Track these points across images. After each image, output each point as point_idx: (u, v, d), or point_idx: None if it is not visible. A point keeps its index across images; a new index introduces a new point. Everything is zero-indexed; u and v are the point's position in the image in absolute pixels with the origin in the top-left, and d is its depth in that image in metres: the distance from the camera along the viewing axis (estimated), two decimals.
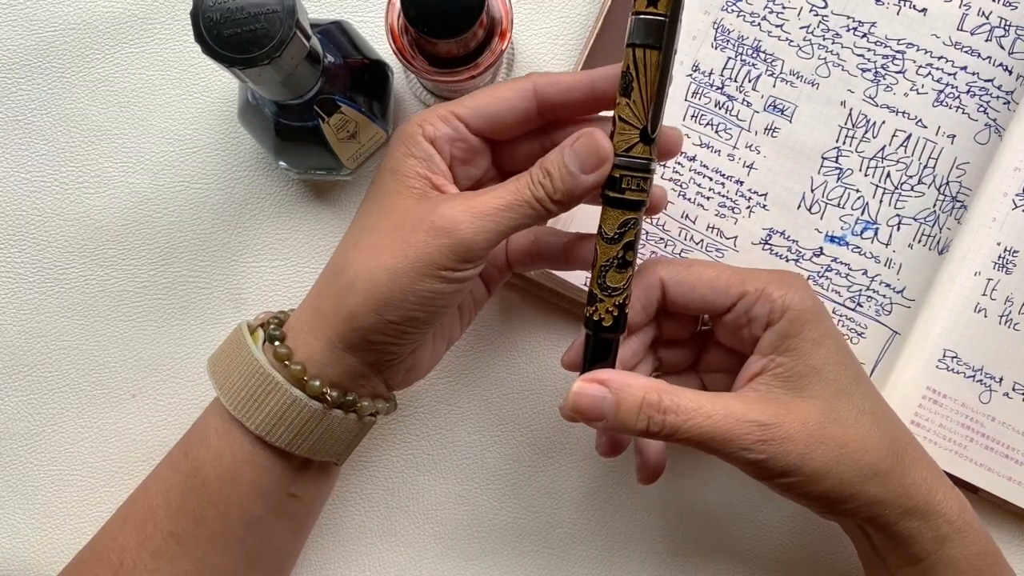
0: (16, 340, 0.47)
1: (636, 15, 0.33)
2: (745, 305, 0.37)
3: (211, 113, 0.47)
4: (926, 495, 0.37)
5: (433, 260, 0.35)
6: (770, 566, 0.48)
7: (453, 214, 0.35)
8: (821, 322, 0.37)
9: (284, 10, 0.34)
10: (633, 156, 0.34)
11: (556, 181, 0.35)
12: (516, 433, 0.48)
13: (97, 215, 0.47)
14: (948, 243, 0.45)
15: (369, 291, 0.35)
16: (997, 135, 0.44)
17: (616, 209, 0.35)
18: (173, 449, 0.41)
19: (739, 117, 0.45)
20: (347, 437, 0.39)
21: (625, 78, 0.34)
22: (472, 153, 0.38)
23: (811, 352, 0.36)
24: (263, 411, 0.37)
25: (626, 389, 0.34)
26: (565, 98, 0.37)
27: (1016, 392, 0.45)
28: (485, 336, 0.48)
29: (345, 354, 0.37)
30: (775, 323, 0.36)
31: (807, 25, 0.44)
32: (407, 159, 0.37)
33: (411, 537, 0.48)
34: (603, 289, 0.36)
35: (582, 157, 0.34)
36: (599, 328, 0.36)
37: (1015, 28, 0.44)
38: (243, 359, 0.37)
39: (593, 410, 0.35)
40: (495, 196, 0.35)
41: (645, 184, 0.35)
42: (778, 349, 0.36)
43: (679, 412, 0.34)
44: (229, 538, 0.39)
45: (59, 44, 0.47)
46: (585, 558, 0.48)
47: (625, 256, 0.35)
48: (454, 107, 0.37)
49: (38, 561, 0.47)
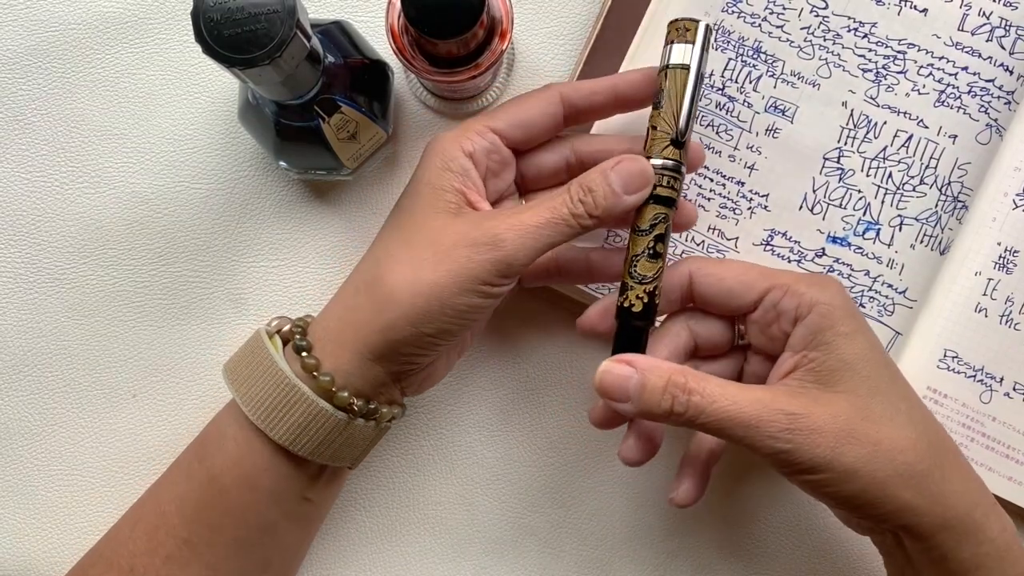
0: (16, 340, 0.47)
1: (668, 43, 0.38)
2: (772, 300, 0.37)
3: (211, 113, 0.47)
4: (966, 508, 0.35)
5: (476, 275, 0.35)
6: (771, 567, 0.48)
7: (496, 231, 0.36)
8: (853, 318, 0.36)
9: (284, 10, 0.34)
10: (666, 157, 0.38)
11: (599, 199, 0.36)
12: (517, 433, 0.48)
13: (97, 215, 0.47)
14: (949, 243, 0.45)
15: (410, 304, 0.36)
16: (998, 135, 0.44)
17: (649, 204, 0.38)
18: (184, 454, 0.41)
19: (740, 118, 0.45)
20: (364, 443, 0.39)
21: (657, 95, 0.39)
22: (503, 165, 0.40)
23: (843, 346, 0.35)
24: (288, 422, 0.37)
25: (653, 370, 0.34)
26: (589, 102, 0.40)
27: (1017, 392, 0.45)
28: (486, 337, 0.48)
29: (372, 364, 0.37)
30: (803, 318, 0.36)
31: (808, 26, 0.44)
32: (444, 172, 0.38)
33: (411, 537, 0.48)
34: (633, 277, 0.38)
35: (626, 178, 0.36)
36: (629, 315, 0.38)
37: (1016, 28, 0.44)
38: (266, 368, 0.37)
39: (618, 390, 0.35)
40: (535, 214, 0.36)
41: (676, 183, 0.38)
42: (809, 344, 0.36)
43: (704, 395, 0.34)
44: (244, 544, 0.39)
45: (59, 44, 0.47)
46: (585, 558, 0.48)
47: (656, 247, 0.38)
48: (488, 121, 0.39)
49: (38, 561, 0.47)
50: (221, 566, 0.38)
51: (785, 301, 0.37)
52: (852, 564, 0.48)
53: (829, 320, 0.36)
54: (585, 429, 0.48)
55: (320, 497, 0.41)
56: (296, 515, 0.40)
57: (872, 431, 0.34)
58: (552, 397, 0.48)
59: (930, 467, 0.35)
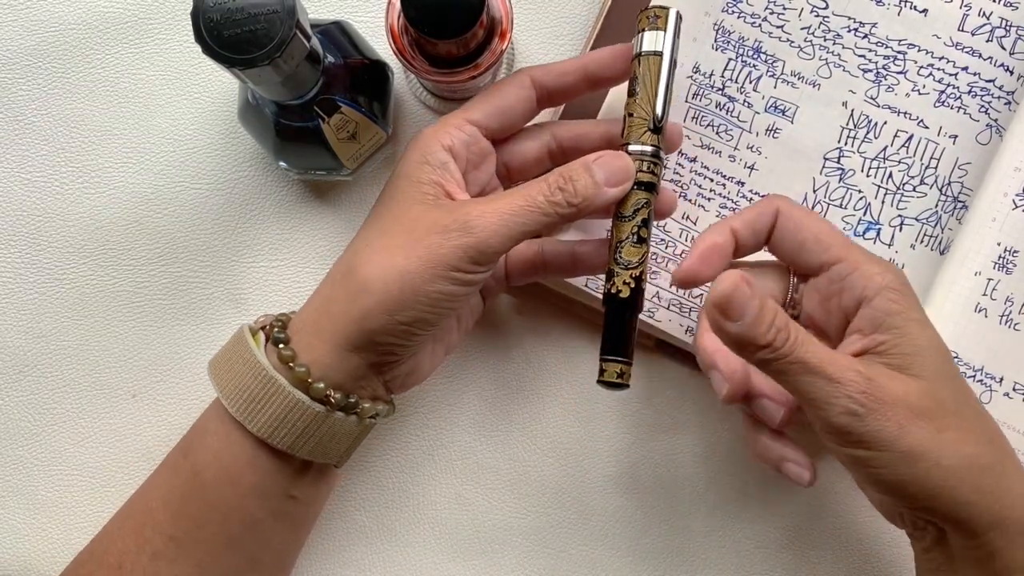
0: (16, 340, 0.47)
1: (640, 31, 0.39)
2: (840, 271, 0.36)
3: (211, 113, 0.47)
4: (1023, 508, 0.34)
5: (446, 261, 0.35)
6: (773, 568, 0.48)
7: (467, 218, 0.36)
8: (921, 307, 0.36)
9: (284, 10, 0.34)
10: (644, 143, 0.38)
11: (580, 188, 0.36)
12: (515, 433, 0.48)
13: (97, 215, 0.47)
14: (949, 243, 0.45)
15: (382, 292, 0.36)
16: (998, 135, 0.44)
17: (631, 190, 0.38)
18: (172, 451, 0.41)
19: (740, 118, 0.45)
20: (348, 439, 0.39)
21: (631, 83, 0.39)
22: (482, 156, 0.40)
23: (917, 332, 0.35)
24: (265, 413, 0.37)
25: (768, 298, 0.33)
26: (560, 83, 0.40)
27: (1016, 392, 0.45)
28: (484, 336, 0.48)
29: (350, 355, 0.37)
30: (870, 299, 0.35)
31: (808, 26, 0.44)
32: (423, 166, 0.38)
33: (410, 537, 0.48)
34: (619, 263, 0.38)
35: (609, 171, 0.37)
36: (615, 301, 0.38)
37: (1016, 28, 0.44)
38: (245, 361, 0.37)
39: (740, 306, 0.33)
40: (508, 201, 0.36)
41: (655, 168, 0.38)
42: (880, 327, 0.35)
43: (800, 339, 0.33)
44: (229, 540, 0.38)
45: (59, 44, 0.47)
46: (585, 559, 0.48)
47: (640, 232, 0.38)
48: (465, 113, 0.39)
49: (38, 561, 0.47)
50: (207, 563, 0.38)
51: (854, 277, 0.36)
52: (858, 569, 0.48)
53: (902, 305, 0.35)
54: (584, 427, 0.48)
55: (307, 496, 0.40)
56: (283, 513, 0.40)
57: (941, 417, 0.33)
58: (550, 396, 0.48)
59: (992, 463, 0.34)
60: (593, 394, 0.48)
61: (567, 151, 0.42)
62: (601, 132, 0.41)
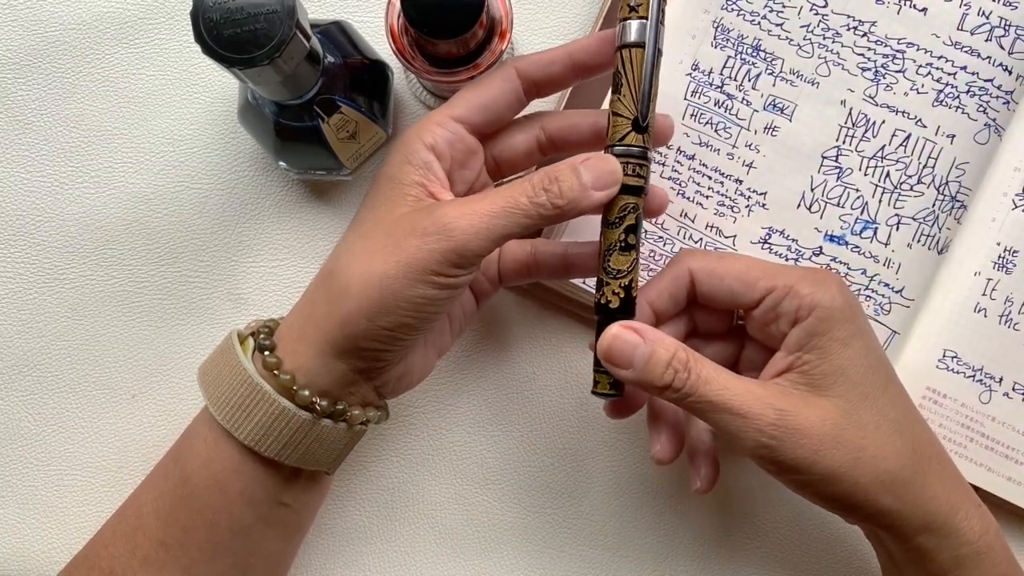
0: (16, 340, 0.47)
1: (621, 20, 0.36)
2: (773, 300, 0.37)
3: (211, 113, 0.47)
4: (946, 512, 0.36)
5: (426, 266, 0.34)
6: (770, 564, 0.48)
7: (446, 220, 0.34)
8: (852, 322, 0.36)
9: (284, 10, 0.34)
10: (628, 144, 0.36)
11: (566, 189, 0.35)
12: (515, 433, 0.48)
13: (97, 215, 0.47)
14: (948, 243, 0.45)
15: (362, 296, 0.35)
16: (997, 135, 0.44)
17: (617, 195, 0.36)
18: (164, 456, 0.41)
19: (739, 116, 0.45)
20: (337, 446, 0.39)
21: (616, 77, 0.37)
22: (468, 154, 0.39)
23: (838, 352, 0.35)
24: (252, 421, 0.36)
25: (661, 342, 0.35)
26: (546, 73, 0.38)
27: (1016, 392, 0.45)
28: (483, 336, 0.48)
29: (336, 361, 0.36)
30: (802, 320, 0.36)
31: (807, 24, 0.44)
32: (404, 166, 0.37)
33: (410, 537, 0.48)
34: (608, 272, 0.37)
35: (596, 174, 0.35)
36: (606, 311, 0.37)
37: (1015, 28, 0.44)
38: (232, 368, 0.37)
39: (624, 356, 0.35)
40: (489, 201, 0.35)
41: (642, 170, 0.36)
42: (804, 347, 0.36)
43: (702, 376, 0.34)
44: (218, 547, 0.38)
45: (59, 44, 0.47)
46: (584, 558, 0.48)
47: (627, 239, 0.36)
48: (448, 110, 0.38)
49: (38, 561, 0.47)
50: (197, 569, 0.38)
51: (786, 303, 0.36)
52: (850, 559, 0.48)
53: (826, 325, 0.35)
54: (583, 427, 0.48)
55: (299, 502, 0.40)
56: (273, 520, 0.39)
57: (857, 438, 0.35)
58: (550, 396, 0.48)
59: (912, 475, 0.35)
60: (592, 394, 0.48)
61: (556, 143, 0.40)
62: (591, 122, 0.40)
